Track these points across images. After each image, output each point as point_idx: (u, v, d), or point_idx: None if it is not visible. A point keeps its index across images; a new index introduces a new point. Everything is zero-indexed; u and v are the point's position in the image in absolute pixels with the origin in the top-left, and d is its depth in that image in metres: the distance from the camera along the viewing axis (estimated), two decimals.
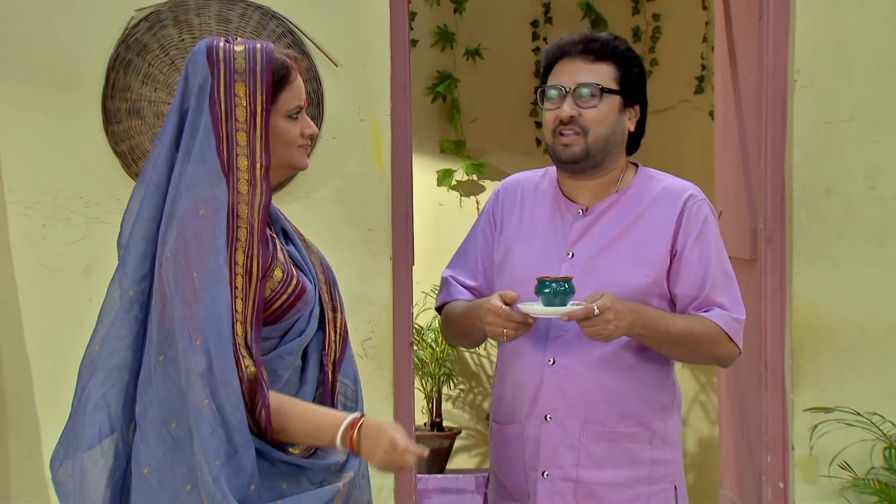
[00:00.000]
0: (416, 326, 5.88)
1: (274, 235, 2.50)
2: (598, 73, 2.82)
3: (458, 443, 6.21)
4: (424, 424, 6.05)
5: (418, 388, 5.87)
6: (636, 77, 2.87)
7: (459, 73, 6.28)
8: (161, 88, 3.88)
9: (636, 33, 6.33)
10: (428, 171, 6.27)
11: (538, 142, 6.21)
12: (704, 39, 6.23)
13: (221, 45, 2.40)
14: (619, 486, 2.84)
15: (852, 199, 3.98)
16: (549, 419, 2.84)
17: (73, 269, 3.88)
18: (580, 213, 2.89)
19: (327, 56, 3.90)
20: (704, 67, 6.24)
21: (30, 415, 3.88)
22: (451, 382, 6.17)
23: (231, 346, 2.31)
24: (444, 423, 6.13)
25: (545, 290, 2.69)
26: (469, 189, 6.39)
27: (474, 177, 6.34)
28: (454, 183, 6.33)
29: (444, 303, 3.04)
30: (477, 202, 6.37)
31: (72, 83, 3.89)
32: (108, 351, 2.40)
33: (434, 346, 5.97)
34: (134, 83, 3.88)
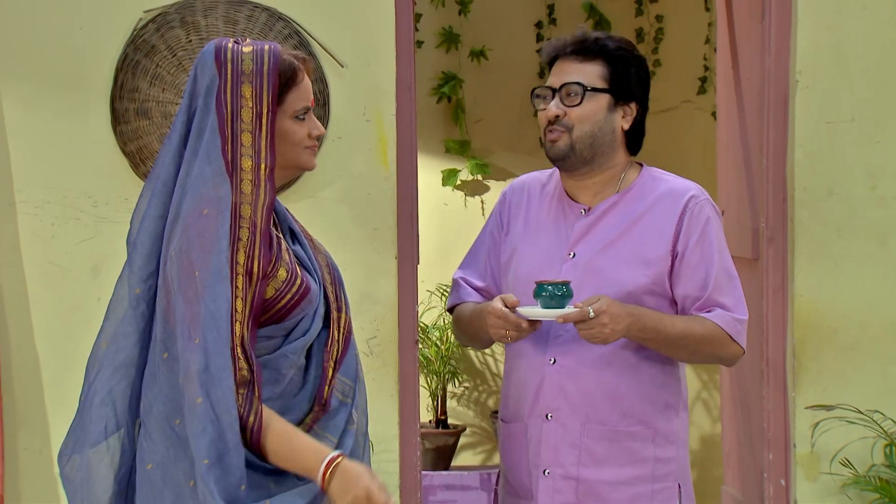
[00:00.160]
0: (421, 325, 5.88)
1: (280, 235, 2.50)
2: (586, 72, 2.84)
3: (462, 440, 6.20)
4: (429, 422, 6.04)
5: (423, 385, 5.88)
6: (630, 75, 2.87)
7: (464, 73, 6.28)
8: (169, 89, 3.88)
9: (639, 34, 6.32)
10: (433, 170, 6.26)
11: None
12: (707, 41, 6.23)
13: (230, 45, 2.40)
14: (621, 484, 2.85)
15: (853, 199, 3.96)
16: (550, 418, 2.86)
17: (81, 268, 3.88)
18: (582, 212, 2.90)
19: (333, 57, 3.90)
20: (707, 68, 6.23)
21: (39, 412, 3.88)
22: (456, 380, 6.17)
23: (229, 345, 2.32)
24: (449, 421, 6.13)
25: (542, 294, 2.72)
26: (474, 189, 6.38)
27: (479, 177, 6.34)
28: (459, 183, 6.33)
29: (454, 304, 3.06)
30: (482, 202, 6.38)
31: (80, 84, 3.88)
32: (115, 348, 2.41)
33: (439, 344, 5.96)
34: (142, 84, 3.87)
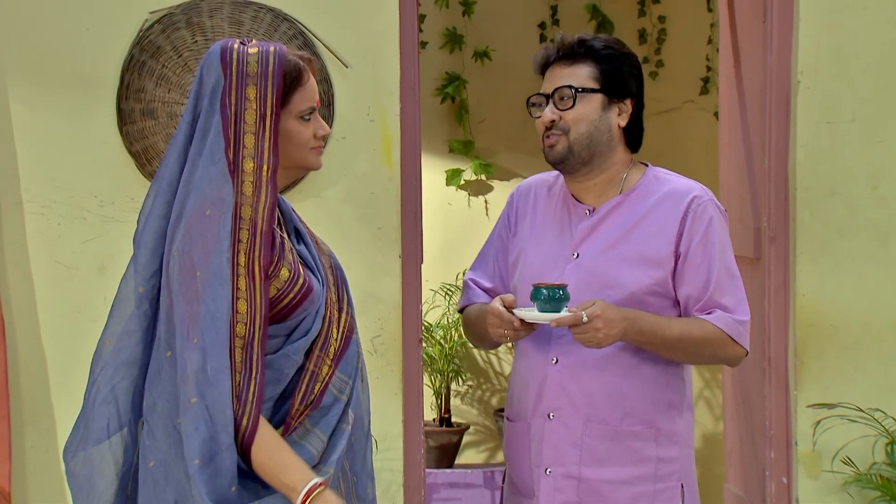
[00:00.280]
0: (425, 323, 5.89)
1: (284, 235, 2.50)
2: (576, 74, 2.86)
3: (466, 438, 6.21)
4: (433, 420, 6.05)
5: (427, 384, 5.89)
6: (621, 73, 2.87)
7: (468, 74, 6.29)
8: (174, 89, 3.89)
9: (642, 35, 6.32)
10: (437, 170, 6.27)
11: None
12: (709, 41, 6.22)
13: (235, 47, 2.40)
14: (623, 483, 2.85)
15: (855, 199, 3.97)
16: (552, 417, 2.86)
17: (88, 267, 3.88)
18: (586, 213, 2.90)
19: (338, 57, 3.91)
20: (709, 69, 6.22)
21: (46, 410, 3.88)
22: (460, 379, 6.18)
23: (227, 346, 2.32)
24: (453, 419, 6.13)
25: (539, 297, 2.73)
26: (477, 189, 6.39)
27: (482, 177, 6.34)
28: (463, 182, 6.33)
29: (464, 306, 3.07)
30: (485, 202, 6.38)
31: (87, 84, 3.89)
32: (118, 346, 2.42)
33: (443, 342, 5.96)
34: (148, 84, 3.88)
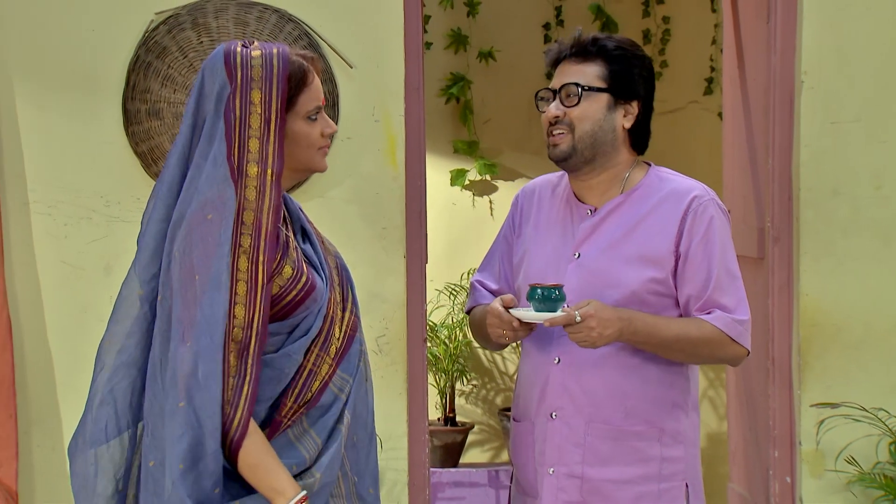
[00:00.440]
0: (430, 323, 5.91)
1: (289, 233, 2.51)
2: (584, 72, 2.84)
3: (470, 437, 6.22)
4: (438, 419, 6.06)
5: (432, 383, 5.90)
6: (631, 74, 2.86)
7: (473, 74, 6.30)
8: (180, 90, 3.89)
9: (646, 35, 6.33)
10: (441, 170, 6.28)
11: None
12: (713, 41, 6.23)
13: (239, 50, 2.40)
14: (626, 483, 2.84)
15: (858, 199, 3.97)
16: (554, 417, 2.86)
17: (94, 267, 3.90)
18: (588, 213, 2.90)
19: (342, 58, 3.92)
20: (713, 69, 6.24)
21: (52, 410, 3.90)
22: (465, 378, 6.18)
23: (221, 352, 2.32)
24: (458, 419, 6.14)
25: (534, 297, 2.74)
26: (482, 189, 6.40)
27: (487, 177, 6.35)
28: (467, 183, 6.34)
29: (471, 307, 3.08)
30: (490, 202, 6.39)
31: (93, 85, 3.90)
32: (117, 347, 2.43)
33: (447, 342, 5.97)
34: (153, 85, 3.89)
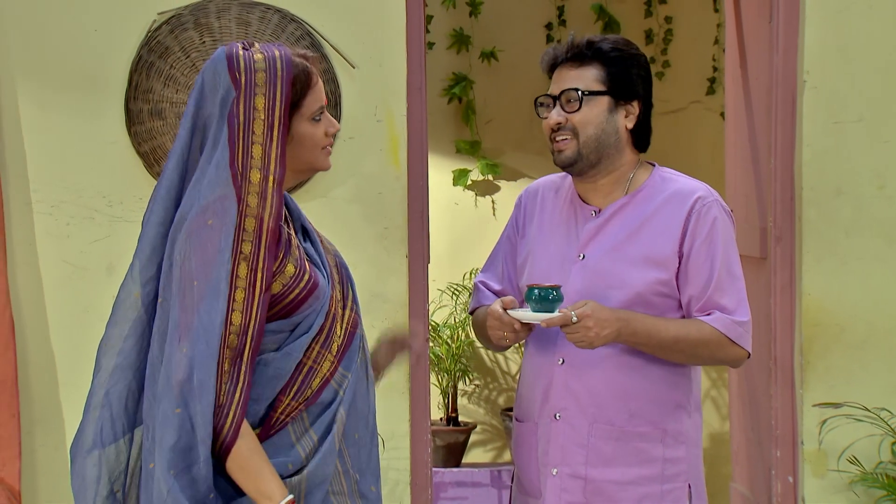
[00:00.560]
0: (432, 323, 5.91)
1: (290, 231, 2.51)
2: (583, 77, 2.84)
3: (473, 437, 6.23)
4: (440, 419, 6.06)
5: (434, 383, 5.91)
6: (629, 74, 2.86)
7: (475, 74, 6.30)
8: (182, 90, 3.90)
9: (648, 35, 6.33)
10: (444, 170, 6.28)
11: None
12: (716, 41, 6.23)
13: (242, 54, 2.40)
14: (630, 483, 2.85)
15: (861, 199, 3.97)
16: (558, 417, 2.87)
17: (96, 267, 3.90)
18: (593, 214, 2.91)
19: (345, 58, 3.92)
20: (716, 69, 6.24)
21: (55, 409, 3.90)
22: (467, 378, 6.18)
23: (216, 359, 2.32)
24: (460, 418, 6.15)
25: (532, 298, 2.74)
26: (484, 189, 6.40)
27: (489, 177, 6.35)
28: (469, 183, 6.34)
29: (474, 308, 3.08)
30: (492, 202, 6.40)
31: (95, 85, 3.90)
32: (113, 351, 2.43)
33: (450, 342, 5.97)
34: (156, 85, 3.89)
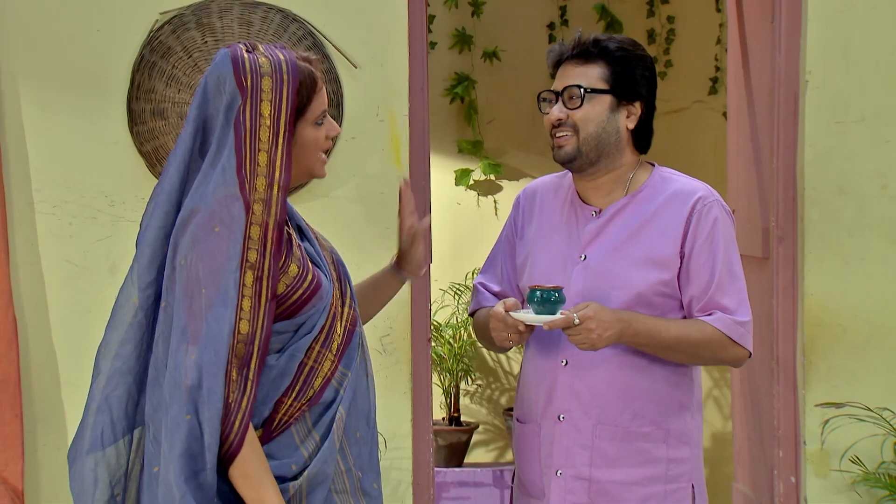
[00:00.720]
0: (434, 323, 5.91)
1: (291, 231, 2.51)
2: (586, 74, 2.85)
3: (475, 437, 6.23)
4: (442, 419, 6.07)
5: (436, 383, 5.90)
6: (633, 75, 2.86)
7: (477, 74, 6.30)
8: (184, 90, 3.90)
9: (651, 35, 6.33)
10: (446, 170, 6.28)
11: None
12: (718, 41, 6.23)
13: (246, 57, 2.40)
14: (634, 484, 2.85)
15: (863, 198, 3.96)
16: (562, 419, 2.87)
17: (99, 267, 3.90)
18: (593, 215, 2.91)
19: (347, 58, 3.92)
20: (718, 69, 6.23)
21: (57, 409, 3.90)
22: (469, 378, 6.19)
23: (224, 368, 2.32)
24: (462, 418, 6.15)
25: (534, 299, 2.74)
26: (487, 189, 6.40)
27: (492, 176, 6.36)
28: (472, 182, 6.34)
29: (474, 310, 3.08)
30: (494, 202, 6.40)
31: (97, 85, 3.90)
32: (112, 355, 2.43)
33: (452, 342, 5.97)
34: (158, 85, 3.89)
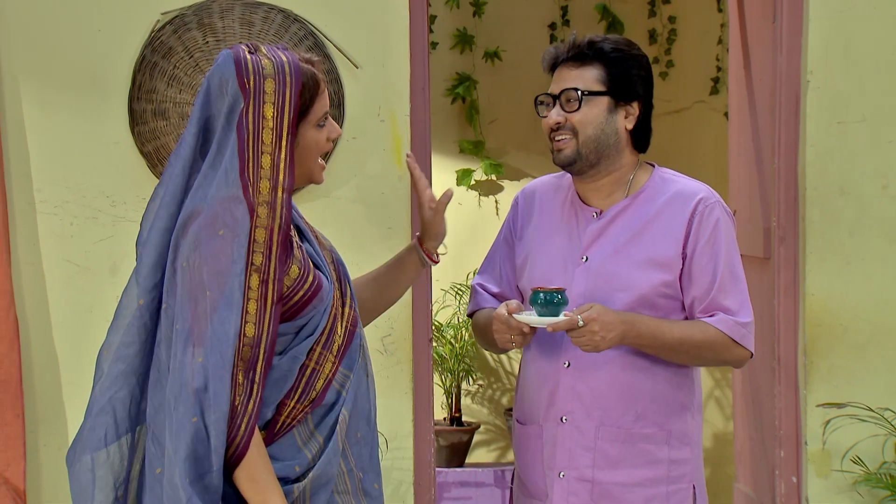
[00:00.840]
0: (436, 323, 5.91)
1: (292, 234, 2.49)
2: (583, 77, 2.85)
3: (476, 437, 6.23)
4: (444, 419, 6.07)
5: (437, 383, 5.90)
6: (630, 75, 2.86)
7: (478, 74, 6.30)
8: (186, 90, 3.90)
9: (652, 35, 6.32)
10: (447, 170, 6.28)
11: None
12: (720, 41, 6.22)
13: (249, 58, 2.39)
14: (636, 486, 2.85)
15: (865, 198, 3.96)
16: (564, 421, 2.87)
17: (100, 267, 3.90)
18: (594, 216, 2.91)
19: (348, 58, 3.92)
20: (719, 69, 6.22)
21: (58, 409, 3.90)
22: (471, 378, 6.19)
23: (230, 371, 2.31)
24: (464, 418, 6.15)
25: (537, 301, 2.74)
26: (488, 189, 6.40)
27: (493, 177, 6.36)
28: (473, 183, 6.34)
29: (473, 311, 3.08)
30: (496, 202, 6.40)
31: (99, 85, 3.91)
32: (116, 356, 2.42)
33: (453, 342, 5.97)
34: (159, 85, 3.89)
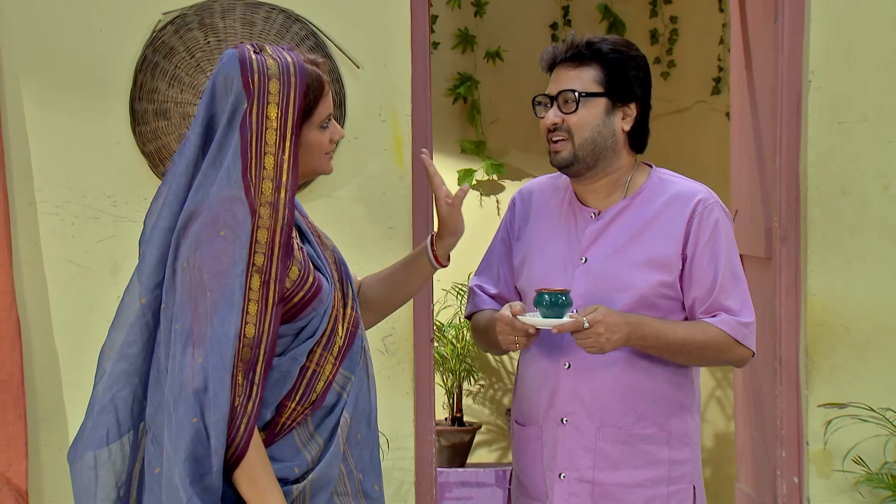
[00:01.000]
0: (437, 323, 5.90)
1: (293, 235, 2.49)
2: (580, 78, 2.83)
3: (478, 437, 6.22)
4: (445, 419, 6.06)
5: (439, 383, 5.89)
6: (627, 76, 2.85)
7: (480, 74, 6.30)
8: (187, 90, 3.90)
9: (654, 35, 6.31)
10: (449, 170, 6.26)
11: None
12: (721, 41, 6.21)
13: (254, 58, 2.39)
14: (637, 486, 2.85)
15: (866, 198, 3.96)
16: (565, 422, 2.86)
17: (101, 267, 3.90)
18: (592, 217, 2.90)
19: (349, 58, 3.92)
20: (721, 69, 6.20)
21: (59, 409, 3.91)
22: (472, 378, 6.18)
23: (230, 372, 2.31)
24: (465, 419, 6.14)
25: (541, 303, 2.73)
26: (489, 189, 6.39)
27: (494, 177, 6.35)
28: (475, 183, 6.33)
29: (471, 313, 3.08)
30: (497, 202, 6.39)
31: (100, 85, 3.91)
32: (118, 355, 2.42)
33: (455, 342, 5.97)
34: (161, 85, 3.90)
